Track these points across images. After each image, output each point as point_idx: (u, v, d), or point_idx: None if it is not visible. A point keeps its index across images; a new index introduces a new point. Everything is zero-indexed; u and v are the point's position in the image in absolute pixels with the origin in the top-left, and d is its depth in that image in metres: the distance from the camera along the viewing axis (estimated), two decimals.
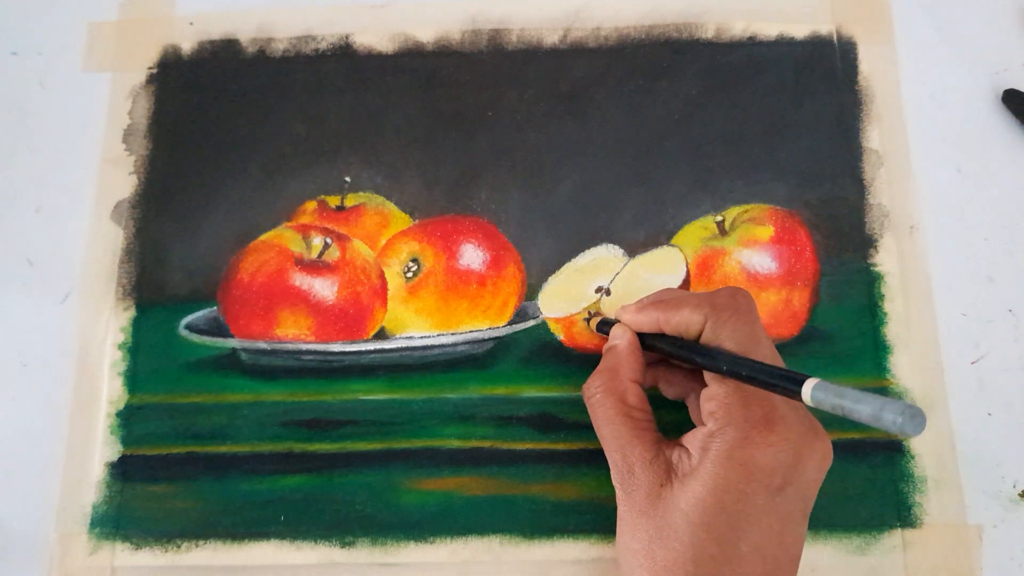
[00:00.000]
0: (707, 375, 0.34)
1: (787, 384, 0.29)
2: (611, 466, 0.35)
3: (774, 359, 0.34)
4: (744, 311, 0.35)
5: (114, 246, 0.44)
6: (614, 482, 0.35)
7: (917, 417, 0.25)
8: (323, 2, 0.47)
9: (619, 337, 0.37)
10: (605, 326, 0.40)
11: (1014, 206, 0.43)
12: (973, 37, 0.46)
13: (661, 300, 0.37)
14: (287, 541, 0.39)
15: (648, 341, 0.37)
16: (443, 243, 0.43)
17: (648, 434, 0.35)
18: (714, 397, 0.33)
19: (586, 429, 0.40)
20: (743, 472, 0.32)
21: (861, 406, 0.26)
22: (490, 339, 0.42)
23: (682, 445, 0.34)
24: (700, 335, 0.35)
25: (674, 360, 0.37)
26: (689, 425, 0.36)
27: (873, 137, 0.44)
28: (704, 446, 0.33)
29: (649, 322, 0.37)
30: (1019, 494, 0.39)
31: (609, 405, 0.36)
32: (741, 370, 0.32)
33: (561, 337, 0.42)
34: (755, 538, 0.32)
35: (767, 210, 0.43)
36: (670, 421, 0.37)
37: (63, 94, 0.47)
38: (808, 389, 0.28)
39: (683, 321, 0.35)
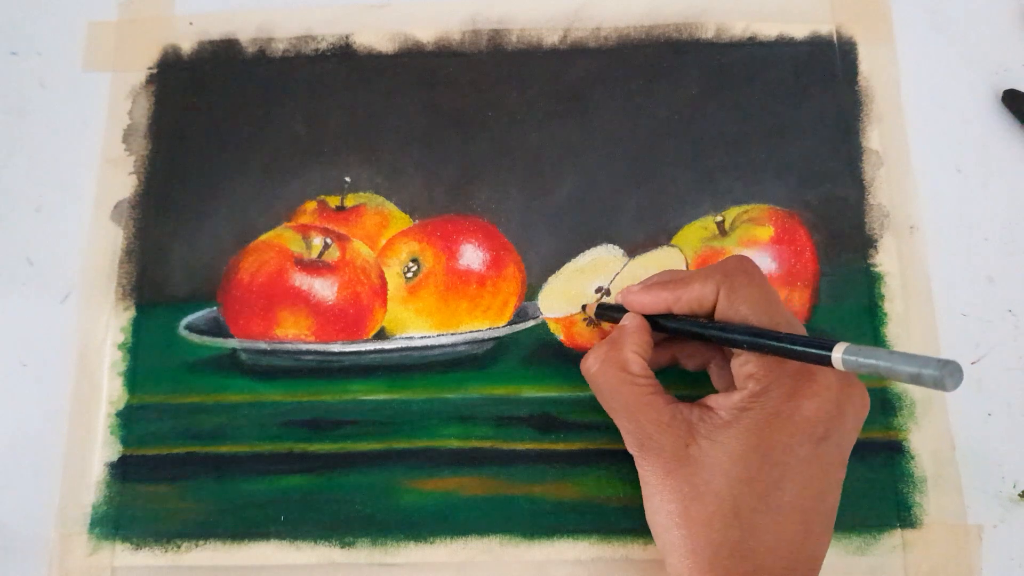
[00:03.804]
0: None
1: (816, 351, 0.29)
2: (625, 437, 0.35)
3: (791, 321, 0.34)
4: (756, 274, 0.34)
5: (114, 246, 0.44)
6: (631, 451, 0.35)
7: (956, 373, 0.25)
8: (323, 2, 0.47)
9: (628, 319, 0.37)
10: (606, 311, 0.39)
11: (1014, 206, 0.43)
12: (973, 37, 0.46)
13: (667, 280, 0.36)
14: (287, 541, 0.39)
15: (661, 322, 0.36)
16: (443, 243, 0.43)
17: (658, 399, 0.34)
18: (750, 360, 0.33)
19: (586, 429, 0.40)
20: (788, 424, 0.32)
21: (898, 366, 0.26)
22: (490, 339, 0.42)
23: (705, 406, 0.34)
24: (714, 308, 0.34)
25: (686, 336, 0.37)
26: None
27: (873, 137, 0.44)
28: (744, 406, 0.32)
29: (657, 303, 0.36)
30: (1019, 494, 0.39)
31: (611, 375, 0.35)
32: (765, 344, 0.32)
33: (561, 337, 0.42)
34: (795, 489, 0.32)
35: (767, 210, 0.43)
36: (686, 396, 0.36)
37: (63, 94, 0.47)
38: (839, 355, 0.28)
39: (695, 297, 0.34)
